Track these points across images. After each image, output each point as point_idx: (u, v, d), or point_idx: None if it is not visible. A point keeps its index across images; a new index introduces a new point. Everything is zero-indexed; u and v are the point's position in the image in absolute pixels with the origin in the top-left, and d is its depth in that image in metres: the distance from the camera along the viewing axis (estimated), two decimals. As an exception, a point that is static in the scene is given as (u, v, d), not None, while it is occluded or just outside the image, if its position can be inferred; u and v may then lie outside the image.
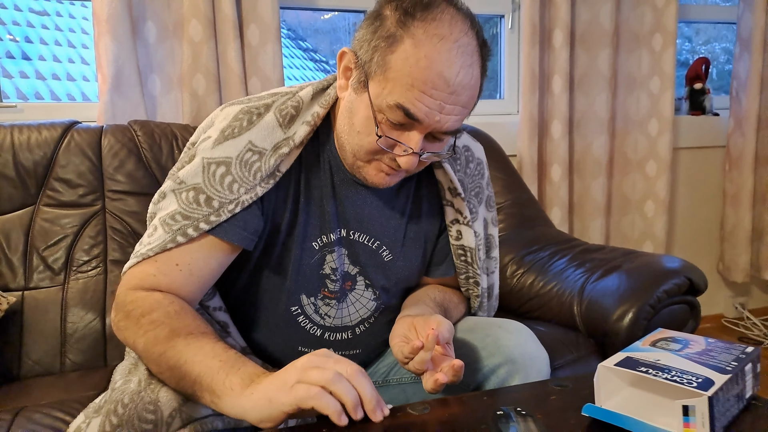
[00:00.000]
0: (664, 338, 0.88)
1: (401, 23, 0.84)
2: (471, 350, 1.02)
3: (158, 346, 0.81)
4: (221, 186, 0.91)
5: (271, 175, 0.93)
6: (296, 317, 1.05)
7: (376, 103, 0.87)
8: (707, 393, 0.68)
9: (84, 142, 1.57)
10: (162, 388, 0.82)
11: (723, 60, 3.35)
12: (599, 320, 1.48)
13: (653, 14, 2.42)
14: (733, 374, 0.75)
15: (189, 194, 0.91)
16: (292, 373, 0.73)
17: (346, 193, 1.02)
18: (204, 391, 0.76)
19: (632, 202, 2.57)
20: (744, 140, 2.63)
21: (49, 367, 1.45)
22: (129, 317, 0.86)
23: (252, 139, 0.92)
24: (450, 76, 0.84)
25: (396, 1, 0.87)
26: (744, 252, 2.73)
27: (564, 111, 2.30)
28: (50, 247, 1.50)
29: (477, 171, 1.12)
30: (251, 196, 0.92)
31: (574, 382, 0.89)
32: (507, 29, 2.41)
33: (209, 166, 0.92)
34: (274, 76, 1.90)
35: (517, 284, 1.73)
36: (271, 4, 1.85)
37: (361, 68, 0.89)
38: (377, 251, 1.06)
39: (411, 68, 0.83)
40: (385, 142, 0.89)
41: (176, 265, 0.91)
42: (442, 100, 0.85)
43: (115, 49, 1.72)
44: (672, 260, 1.57)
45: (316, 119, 0.95)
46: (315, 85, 0.99)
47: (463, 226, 1.10)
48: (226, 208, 0.91)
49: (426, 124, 0.86)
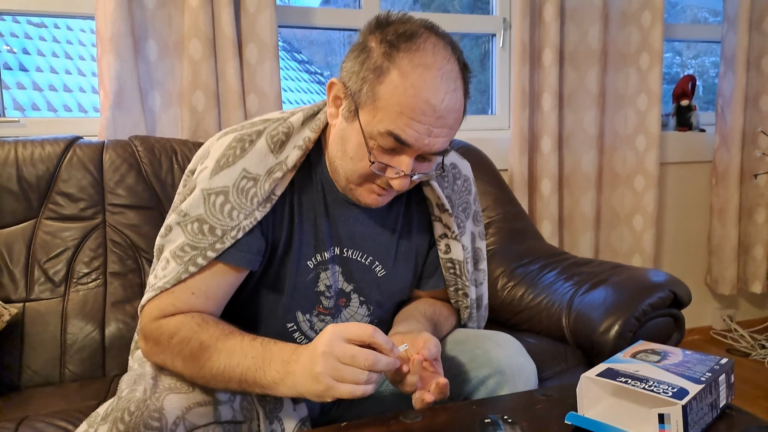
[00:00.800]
0: (644, 350, 0.92)
1: (387, 55, 0.89)
2: (461, 362, 1.06)
3: (195, 362, 0.90)
4: (222, 214, 0.96)
5: (267, 199, 0.98)
6: (292, 333, 1.10)
7: (367, 131, 0.92)
8: (681, 402, 0.73)
9: (86, 157, 1.60)
10: (167, 396, 0.86)
11: (713, 74, 3.41)
12: (587, 332, 1.52)
13: (640, 34, 2.48)
14: (707, 384, 0.79)
15: (194, 225, 0.96)
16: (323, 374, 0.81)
17: (338, 212, 1.06)
18: (254, 386, 0.87)
19: (621, 217, 2.62)
20: (729, 156, 2.69)
21: (48, 377, 1.47)
22: (159, 343, 0.94)
23: (246, 166, 0.97)
24: (436, 102, 0.89)
25: (380, 33, 0.92)
26: (731, 265, 2.78)
27: (553, 127, 2.36)
28: (51, 260, 1.54)
29: (464, 187, 1.17)
30: (251, 221, 0.97)
31: (559, 391, 0.93)
32: (498, 47, 2.47)
33: (209, 197, 0.96)
34: (271, 92, 1.95)
35: (507, 297, 1.77)
36: (269, 24, 1.90)
37: (351, 98, 0.93)
38: (370, 267, 1.10)
39: (399, 97, 0.88)
40: (378, 167, 0.93)
41: (192, 294, 0.97)
42: (430, 124, 0.90)
43: (118, 66, 1.76)
44: (657, 274, 1.62)
45: (307, 143, 0.99)
46: (305, 111, 1.03)
47: (452, 240, 1.14)
48: (229, 234, 0.96)
49: (416, 147, 0.91)
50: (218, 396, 0.91)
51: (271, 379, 0.85)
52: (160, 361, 0.95)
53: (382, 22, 0.94)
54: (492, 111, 2.55)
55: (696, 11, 3.36)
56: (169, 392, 0.87)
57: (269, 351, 0.87)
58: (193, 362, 0.90)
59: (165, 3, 1.87)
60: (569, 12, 2.39)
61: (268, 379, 0.85)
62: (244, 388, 0.88)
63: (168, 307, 0.97)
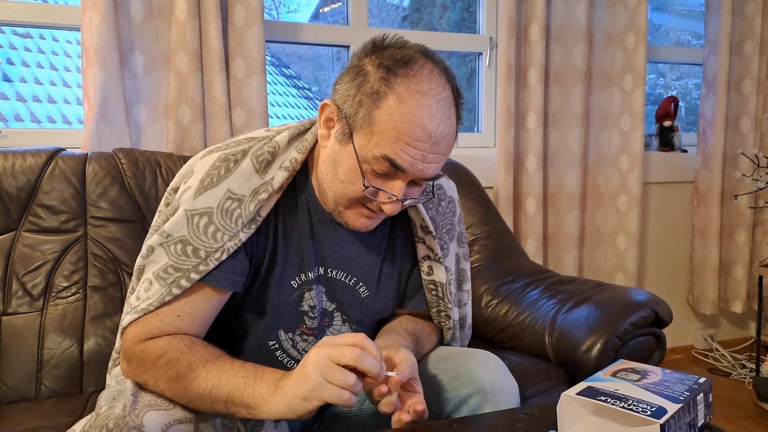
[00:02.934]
0: (625, 369, 0.92)
1: (384, 80, 0.90)
2: (443, 380, 1.06)
3: (182, 381, 0.88)
4: (206, 236, 0.95)
5: (252, 221, 0.97)
6: (273, 351, 1.09)
7: (362, 155, 0.92)
8: (659, 421, 0.73)
9: (68, 169, 1.59)
10: (147, 413, 0.84)
11: (695, 96, 3.46)
12: (569, 351, 1.52)
13: (624, 55, 2.51)
14: (685, 403, 0.79)
15: (177, 247, 0.95)
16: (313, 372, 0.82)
17: (324, 232, 1.06)
18: (238, 407, 0.85)
19: (604, 235, 2.64)
20: (711, 176, 2.73)
21: (24, 393, 1.44)
22: (143, 364, 0.93)
23: (230, 187, 0.96)
24: (432, 129, 0.90)
25: (376, 58, 0.92)
26: (712, 285, 2.81)
27: (538, 146, 2.38)
28: (30, 273, 1.51)
29: (449, 209, 1.18)
30: (235, 242, 0.96)
31: (540, 410, 0.93)
32: (485, 66, 2.50)
33: (193, 218, 0.95)
34: (258, 107, 1.95)
35: (491, 314, 1.77)
36: (257, 38, 1.91)
37: (345, 121, 0.93)
38: (354, 287, 1.10)
39: (396, 123, 0.89)
40: (371, 191, 0.94)
41: (177, 316, 0.97)
42: (424, 150, 0.90)
43: (103, 79, 1.76)
44: (639, 293, 1.63)
45: (294, 165, 0.99)
46: (291, 129, 1.03)
47: (434, 262, 1.14)
48: (213, 256, 0.95)
49: (410, 173, 0.92)
50: (199, 414, 0.90)
51: (259, 395, 0.84)
52: (143, 381, 0.94)
53: (378, 45, 0.94)
54: (478, 129, 2.57)
55: (679, 34, 3.42)
56: (149, 409, 0.86)
57: (261, 371, 0.87)
58: (179, 382, 0.88)
59: (152, 16, 1.87)
60: (554, 32, 2.42)
61: (256, 397, 0.84)
62: (229, 409, 0.86)
63: (153, 329, 0.96)
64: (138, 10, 1.85)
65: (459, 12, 2.93)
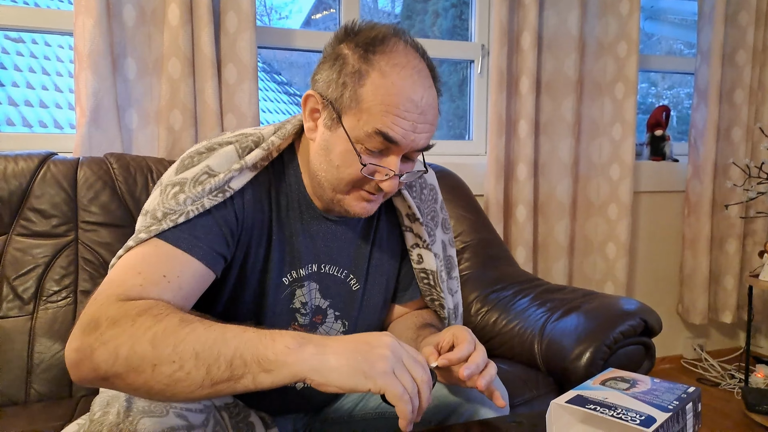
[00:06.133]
0: (614, 377, 0.93)
1: (363, 59, 0.92)
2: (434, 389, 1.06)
3: (172, 336, 0.73)
4: (171, 201, 0.92)
5: (220, 189, 0.94)
6: None
7: (354, 135, 0.93)
8: (648, 430, 0.74)
9: (60, 174, 1.59)
10: (141, 420, 0.84)
11: (687, 105, 3.48)
12: (558, 359, 1.52)
13: (615, 64, 2.53)
14: (674, 413, 0.80)
15: (147, 217, 0.94)
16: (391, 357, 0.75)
17: (316, 228, 1.06)
18: (248, 366, 0.72)
19: (594, 244, 2.65)
20: (702, 186, 2.74)
21: (13, 396, 1.44)
22: (118, 324, 0.75)
23: (210, 164, 0.95)
24: (417, 98, 0.92)
25: (351, 42, 0.95)
26: (702, 295, 2.82)
27: (529, 154, 2.39)
28: (21, 277, 1.51)
29: (431, 196, 1.19)
30: (197, 206, 0.92)
31: (529, 418, 0.93)
32: (476, 74, 2.51)
33: (166, 188, 0.95)
34: (249, 113, 1.95)
35: (481, 322, 1.77)
36: (249, 44, 1.91)
37: (331, 106, 0.94)
38: (345, 280, 1.11)
39: (383, 96, 0.90)
40: (368, 169, 0.94)
41: (164, 276, 0.87)
42: (414, 120, 0.92)
43: (95, 83, 1.76)
44: (629, 302, 1.64)
45: (271, 146, 0.99)
46: (277, 125, 1.04)
47: (423, 249, 1.15)
48: (170, 218, 0.91)
49: (403, 145, 0.93)
50: (192, 420, 0.89)
51: (283, 345, 0.72)
52: (111, 348, 0.74)
53: (350, 30, 0.97)
54: (469, 137, 2.57)
55: (672, 43, 3.44)
56: (143, 416, 0.85)
57: (277, 330, 0.76)
58: (168, 338, 0.73)
59: (145, 22, 1.87)
60: (546, 41, 2.44)
61: (277, 348, 0.72)
62: (233, 371, 0.72)
63: (134, 287, 0.83)
64: (130, 16, 1.85)
65: (451, 19, 2.95)
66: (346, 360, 0.73)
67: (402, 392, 0.74)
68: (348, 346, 0.75)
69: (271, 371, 0.72)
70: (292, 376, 0.72)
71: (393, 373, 0.74)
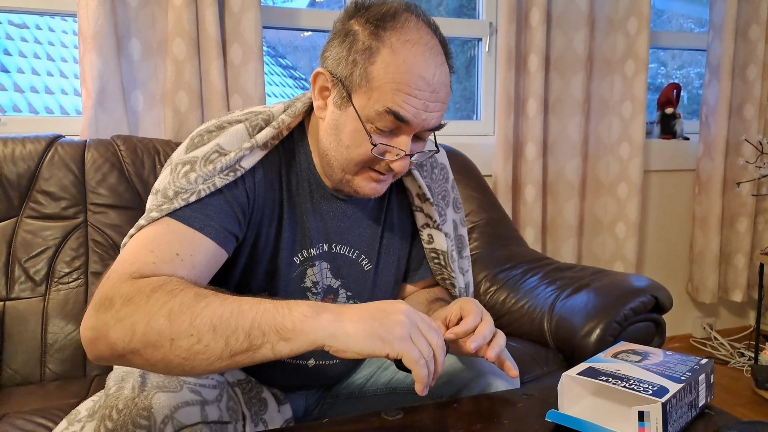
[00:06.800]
0: (626, 350, 0.92)
1: (374, 35, 0.90)
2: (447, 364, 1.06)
3: (188, 311, 0.73)
4: (182, 180, 0.91)
5: (231, 168, 0.93)
6: None
7: (364, 114, 0.91)
8: (661, 400, 0.73)
9: (67, 156, 1.59)
10: (155, 395, 0.84)
11: (697, 85, 3.45)
12: (568, 336, 1.52)
13: (626, 41, 2.50)
14: (687, 383, 0.79)
15: (157, 196, 0.93)
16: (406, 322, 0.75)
17: (326, 208, 1.06)
18: (265, 336, 0.72)
19: (603, 224, 2.63)
20: (713, 165, 2.72)
21: (28, 376, 1.46)
22: (132, 302, 0.75)
23: (220, 142, 0.94)
24: (428, 76, 0.90)
25: (361, 18, 0.93)
26: (712, 274, 2.80)
27: (538, 134, 2.37)
28: (32, 259, 1.52)
29: (441, 176, 1.18)
30: (208, 185, 0.91)
31: (540, 391, 0.93)
32: (484, 52, 2.48)
33: (176, 167, 0.94)
34: (255, 93, 1.94)
35: (490, 301, 1.77)
36: (254, 24, 1.90)
37: (341, 84, 0.93)
38: (357, 261, 1.10)
39: (393, 74, 0.88)
40: (379, 150, 0.93)
41: (177, 255, 0.87)
42: (425, 99, 0.90)
43: (100, 65, 1.75)
44: (639, 279, 1.63)
45: (281, 125, 0.98)
46: (287, 102, 1.03)
47: (434, 230, 1.14)
48: (181, 197, 0.90)
49: (414, 124, 0.91)
50: (205, 396, 0.89)
51: (300, 313, 0.73)
52: (127, 325, 0.74)
53: (360, 5, 0.95)
54: (477, 116, 2.56)
55: (682, 21, 3.40)
56: (157, 391, 0.85)
57: (293, 300, 0.76)
58: (184, 313, 0.73)
59: (149, 2, 1.86)
60: (555, 17, 2.41)
61: (294, 315, 0.72)
62: (251, 341, 0.72)
63: (147, 265, 0.83)
64: (134, -5, 1.84)
65: (458, -3, 2.92)
66: (363, 326, 0.74)
67: (418, 356, 0.74)
68: (364, 313, 0.75)
69: (289, 339, 0.72)
70: (311, 343, 0.72)
71: (409, 338, 0.75)
